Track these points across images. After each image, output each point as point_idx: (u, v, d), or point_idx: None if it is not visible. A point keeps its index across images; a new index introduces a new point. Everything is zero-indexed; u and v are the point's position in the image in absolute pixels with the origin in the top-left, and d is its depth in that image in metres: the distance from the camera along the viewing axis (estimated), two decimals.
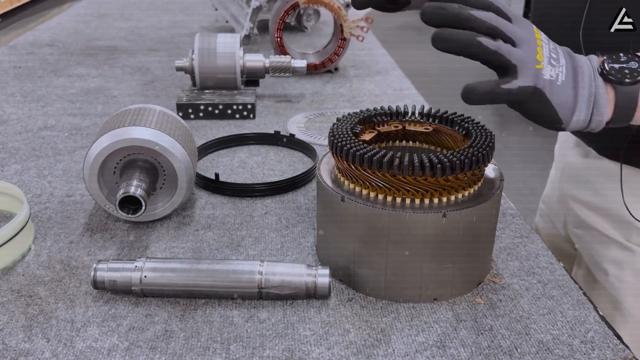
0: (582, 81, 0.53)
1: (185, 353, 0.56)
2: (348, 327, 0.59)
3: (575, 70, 0.54)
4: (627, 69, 0.53)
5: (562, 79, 0.53)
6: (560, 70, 0.53)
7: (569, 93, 0.53)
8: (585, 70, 0.54)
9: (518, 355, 0.55)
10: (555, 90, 0.53)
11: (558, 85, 0.53)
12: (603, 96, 0.53)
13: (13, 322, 0.60)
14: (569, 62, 0.54)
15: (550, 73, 0.53)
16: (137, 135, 0.73)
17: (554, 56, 0.53)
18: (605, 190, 0.82)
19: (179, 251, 0.72)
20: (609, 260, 0.84)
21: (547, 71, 0.52)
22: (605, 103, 0.53)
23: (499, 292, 0.64)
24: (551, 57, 0.53)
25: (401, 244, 0.60)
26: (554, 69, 0.53)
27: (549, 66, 0.53)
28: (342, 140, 0.62)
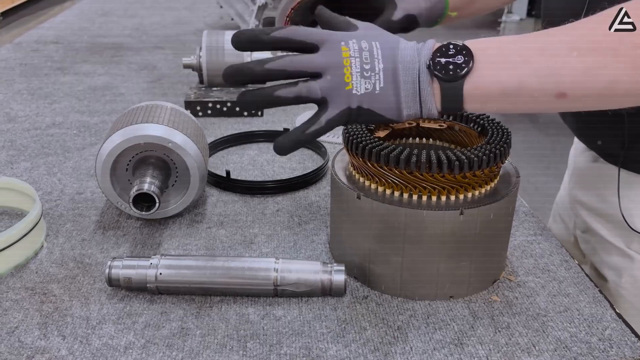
0: (404, 81, 0.53)
1: (202, 350, 0.55)
2: (364, 325, 0.59)
3: (395, 72, 0.53)
4: (452, 64, 0.52)
5: (380, 86, 0.53)
6: (376, 79, 0.53)
7: (390, 96, 0.53)
8: (409, 69, 0.53)
9: (536, 352, 0.55)
10: (375, 99, 0.53)
11: (376, 93, 0.53)
12: (427, 93, 0.53)
13: (28, 320, 0.59)
14: (388, 64, 0.54)
15: (365, 86, 0.53)
16: (150, 132, 0.72)
17: (367, 66, 0.53)
18: (609, 196, 0.82)
19: (192, 248, 0.72)
20: (608, 266, 0.84)
21: (359, 87, 0.53)
22: (430, 98, 0.54)
23: (514, 290, 0.64)
24: (363, 69, 0.53)
25: (417, 242, 0.60)
26: (368, 81, 0.53)
27: (362, 80, 0.53)
28: (357, 136, 0.62)
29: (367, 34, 0.56)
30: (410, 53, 0.54)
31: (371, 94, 0.53)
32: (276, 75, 0.54)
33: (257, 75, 0.54)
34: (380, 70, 0.53)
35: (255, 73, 0.53)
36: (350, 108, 0.54)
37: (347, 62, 0.53)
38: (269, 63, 0.53)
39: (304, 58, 0.54)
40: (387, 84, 0.53)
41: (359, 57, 0.53)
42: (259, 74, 0.54)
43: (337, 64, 0.53)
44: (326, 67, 0.53)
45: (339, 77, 0.53)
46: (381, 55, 0.54)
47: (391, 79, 0.53)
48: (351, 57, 0.53)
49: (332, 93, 0.53)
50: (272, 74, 0.54)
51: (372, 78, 0.53)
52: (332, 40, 0.55)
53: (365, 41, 0.55)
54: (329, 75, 0.53)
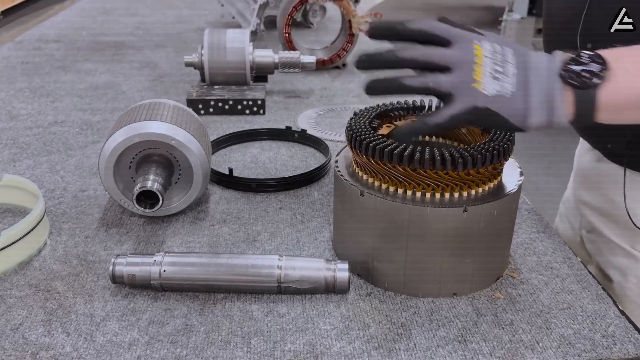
0: (536, 88, 0.53)
1: (207, 347, 0.55)
2: (368, 322, 0.59)
3: (527, 79, 0.53)
4: (586, 72, 0.52)
5: (512, 90, 0.52)
6: (509, 82, 0.53)
7: (520, 102, 0.53)
8: (542, 76, 0.53)
9: (540, 349, 0.55)
10: (504, 102, 0.53)
11: (507, 97, 0.52)
12: (559, 101, 0.52)
13: (32, 317, 0.59)
14: (521, 70, 0.53)
15: (496, 88, 0.52)
16: (153, 130, 0.72)
17: (500, 69, 0.53)
18: (614, 196, 0.81)
19: (195, 246, 0.72)
20: (614, 267, 0.84)
21: (489, 88, 0.52)
22: (562, 106, 0.53)
23: (518, 287, 0.64)
24: (495, 71, 0.53)
25: (421, 239, 0.60)
26: (500, 83, 0.52)
27: (493, 81, 0.52)
28: (361, 134, 0.62)
29: (498, 39, 0.55)
30: (542, 60, 0.54)
31: (501, 96, 0.52)
32: (407, 63, 0.54)
33: (390, 62, 0.55)
34: (514, 75, 0.53)
35: (388, 60, 0.55)
36: (476, 107, 0.53)
37: (479, 61, 0.53)
38: (402, 52, 0.54)
39: (436, 51, 0.54)
40: (519, 90, 0.53)
41: (491, 58, 0.53)
42: (391, 61, 0.55)
43: (469, 60, 0.53)
44: (457, 62, 0.53)
45: (468, 74, 0.53)
46: (514, 57, 0.54)
47: (523, 84, 0.53)
48: (485, 57, 0.53)
49: (459, 89, 0.53)
50: (404, 63, 0.54)
51: (503, 81, 0.52)
52: (466, 37, 0.54)
53: (498, 44, 0.54)
54: (459, 70, 0.53)
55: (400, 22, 0.55)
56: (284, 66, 1.23)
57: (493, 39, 0.55)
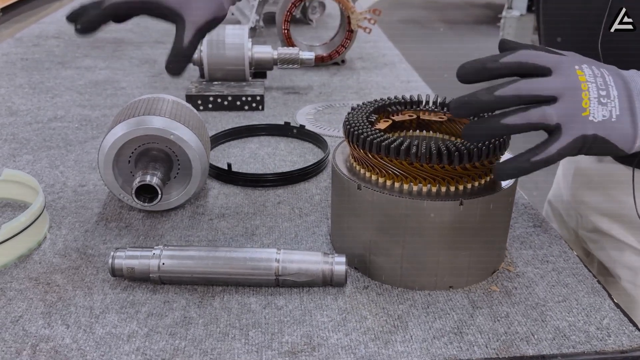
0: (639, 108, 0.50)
1: (205, 339, 0.56)
2: (365, 314, 0.59)
3: (630, 98, 0.50)
4: None
5: (617, 113, 0.50)
6: (613, 106, 0.50)
7: (626, 125, 0.50)
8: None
9: (535, 341, 0.56)
10: (611, 127, 0.50)
11: (613, 121, 0.50)
12: None
13: (32, 309, 0.60)
14: (622, 90, 0.51)
15: (603, 113, 0.50)
16: (152, 125, 0.73)
17: (604, 93, 0.50)
18: (620, 196, 0.81)
19: (194, 240, 0.72)
20: (622, 265, 0.84)
21: (597, 114, 0.50)
22: None
23: (513, 280, 0.65)
24: (600, 95, 0.50)
25: (418, 232, 0.60)
26: (606, 108, 0.50)
27: (600, 107, 0.50)
28: (358, 128, 0.62)
29: (588, 60, 0.52)
30: (632, 77, 0.51)
31: (608, 122, 0.50)
32: (509, 102, 0.50)
33: (488, 105, 0.51)
34: (616, 97, 0.50)
35: (486, 102, 0.50)
36: (585, 136, 0.50)
37: (585, 87, 0.50)
38: (499, 90, 0.50)
39: (539, 82, 0.50)
40: (623, 111, 0.50)
41: (595, 83, 0.50)
42: (490, 103, 0.50)
43: (575, 88, 0.50)
44: (563, 91, 0.50)
45: (577, 103, 0.49)
46: (611, 80, 0.51)
47: (627, 105, 0.50)
48: (588, 82, 0.50)
49: (567, 119, 0.50)
50: (505, 101, 0.50)
51: (608, 105, 0.50)
52: (566, 63, 0.51)
53: (595, 67, 0.51)
54: (566, 99, 0.50)
55: (493, 58, 0.51)
56: (283, 62, 1.24)
57: (587, 61, 0.52)
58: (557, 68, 0.51)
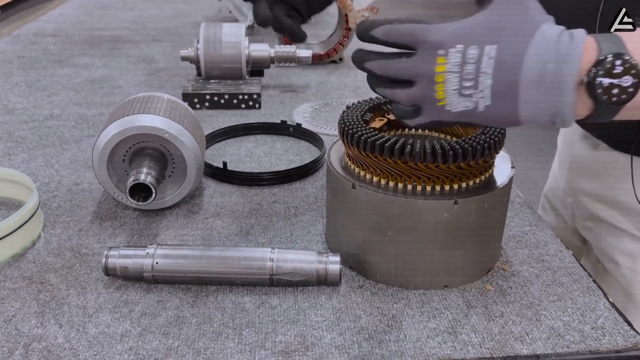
0: (527, 101, 0.45)
1: (198, 338, 0.56)
2: (359, 314, 0.59)
3: (513, 88, 0.45)
4: (617, 87, 0.43)
5: (487, 104, 0.46)
6: (481, 97, 0.46)
7: (500, 112, 0.46)
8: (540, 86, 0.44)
9: (529, 341, 0.56)
10: (478, 115, 0.47)
11: (479, 111, 0.47)
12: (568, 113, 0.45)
13: (25, 308, 0.60)
14: (503, 78, 0.45)
15: (465, 104, 0.46)
16: (146, 123, 0.73)
17: (469, 83, 0.45)
18: (617, 183, 0.82)
19: (188, 239, 0.72)
20: (620, 252, 0.84)
21: (456, 105, 0.47)
22: (569, 116, 0.45)
23: (508, 279, 0.64)
24: (462, 87, 0.46)
25: (412, 231, 0.60)
26: (470, 99, 0.46)
27: (461, 98, 0.46)
28: (353, 127, 0.62)
29: (487, 31, 0.45)
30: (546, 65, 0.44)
31: (472, 111, 0.47)
32: (372, 74, 0.52)
33: (362, 70, 0.53)
34: (488, 87, 0.45)
35: (360, 68, 0.52)
36: (442, 122, 0.49)
37: (440, 78, 0.46)
38: (367, 62, 0.51)
39: (393, 64, 0.49)
40: (498, 102, 0.46)
41: (458, 72, 0.45)
42: (362, 70, 0.52)
43: (428, 77, 0.47)
44: (415, 78, 0.48)
45: (430, 92, 0.47)
46: (495, 65, 0.45)
47: (503, 97, 0.45)
48: (446, 72, 0.46)
49: (423, 104, 0.49)
50: (370, 73, 0.52)
51: (473, 96, 0.46)
52: (428, 44, 0.46)
53: (476, 47, 0.45)
54: (419, 87, 0.48)
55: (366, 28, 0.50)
56: (280, 60, 1.23)
57: (476, 34, 0.46)
58: (419, 49, 0.47)
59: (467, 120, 0.49)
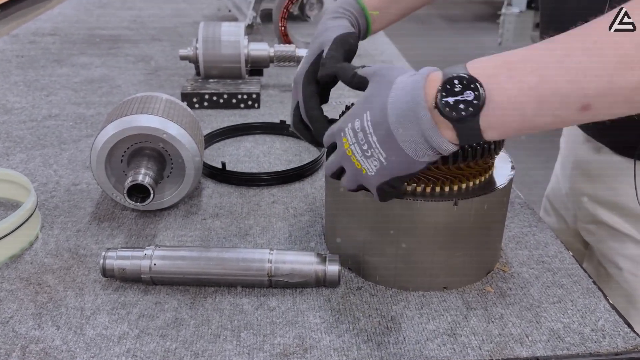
0: (403, 140, 0.50)
1: (196, 340, 0.56)
2: (358, 315, 0.59)
3: (389, 135, 0.51)
4: (462, 103, 0.47)
5: (384, 156, 0.52)
6: (377, 152, 0.52)
7: (398, 159, 0.52)
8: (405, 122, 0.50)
9: (529, 343, 0.55)
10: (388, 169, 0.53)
11: (385, 165, 0.52)
12: (437, 138, 0.50)
13: (23, 310, 0.59)
14: (381, 130, 0.51)
15: (373, 164, 0.53)
16: (144, 124, 0.72)
17: (365, 146, 0.53)
18: (619, 187, 0.81)
19: (187, 240, 0.72)
20: (623, 255, 0.84)
21: (370, 167, 0.53)
22: (442, 140, 0.50)
23: (508, 281, 0.64)
24: (363, 151, 0.53)
25: (412, 233, 0.60)
26: (372, 159, 0.53)
27: (367, 161, 0.53)
28: None
29: (363, 105, 0.53)
30: (401, 105, 0.50)
31: (382, 168, 0.52)
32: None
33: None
34: (375, 143, 0.52)
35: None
36: (380, 187, 0.54)
37: (350, 152, 0.54)
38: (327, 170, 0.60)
39: (328, 163, 0.58)
40: (389, 151, 0.51)
41: (357, 142, 0.53)
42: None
43: (345, 159, 0.55)
44: (342, 163, 0.56)
45: (354, 169, 0.55)
46: (372, 125, 0.52)
47: (388, 145, 0.51)
48: (351, 146, 0.54)
49: (359, 184, 0.56)
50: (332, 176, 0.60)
51: (373, 155, 0.52)
52: (336, 135, 0.56)
53: (358, 119, 0.53)
54: (347, 169, 0.56)
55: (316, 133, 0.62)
56: (279, 60, 1.23)
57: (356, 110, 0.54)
58: (335, 140, 0.57)
59: (385, 179, 0.54)
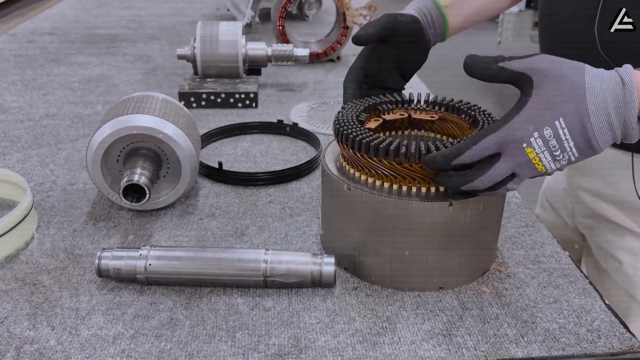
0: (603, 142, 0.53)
1: (191, 341, 0.55)
2: (354, 316, 0.59)
3: (589, 142, 0.53)
4: None
5: (575, 156, 0.53)
6: (569, 155, 0.53)
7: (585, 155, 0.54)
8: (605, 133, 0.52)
9: (524, 343, 0.55)
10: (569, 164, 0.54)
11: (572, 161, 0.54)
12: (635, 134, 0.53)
13: (17, 310, 0.59)
14: (579, 138, 0.52)
15: (561, 164, 0.54)
16: (140, 123, 0.72)
17: (557, 152, 0.53)
18: (618, 181, 0.81)
19: (183, 240, 0.72)
20: (623, 249, 0.84)
21: (551, 166, 0.54)
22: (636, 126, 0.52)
23: (504, 281, 0.64)
24: (554, 157, 0.53)
25: (407, 233, 0.60)
26: (563, 159, 0.53)
27: (554, 162, 0.53)
28: (347, 128, 0.61)
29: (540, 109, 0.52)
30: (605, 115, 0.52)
31: (566, 164, 0.54)
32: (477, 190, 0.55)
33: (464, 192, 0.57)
34: (572, 147, 0.53)
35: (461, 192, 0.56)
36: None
37: (537, 160, 0.53)
38: (467, 185, 0.54)
39: (491, 175, 0.54)
40: (584, 152, 0.53)
41: (547, 150, 0.53)
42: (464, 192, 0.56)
43: (527, 164, 0.53)
44: (516, 170, 0.54)
45: (531, 171, 0.54)
46: (569, 132, 0.52)
47: (585, 147, 0.53)
48: (539, 154, 0.53)
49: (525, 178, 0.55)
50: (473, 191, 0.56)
51: (563, 159, 0.53)
52: (513, 143, 0.53)
53: (548, 128, 0.52)
54: (521, 174, 0.54)
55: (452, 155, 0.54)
56: (277, 59, 1.23)
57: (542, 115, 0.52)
58: (505, 150, 0.53)
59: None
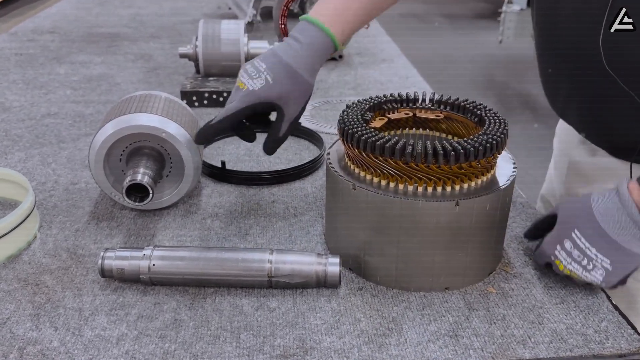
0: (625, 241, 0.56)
1: (195, 342, 0.55)
2: (359, 316, 0.58)
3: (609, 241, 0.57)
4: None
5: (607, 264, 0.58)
6: (597, 260, 0.58)
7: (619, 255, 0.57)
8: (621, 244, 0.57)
9: (532, 344, 0.55)
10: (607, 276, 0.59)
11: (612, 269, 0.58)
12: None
13: (20, 311, 0.59)
14: (601, 244, 0.57)
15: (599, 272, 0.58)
16: (144, 122, 0.72)
17: (585, 262, 0.58)
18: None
19: (186, 239, 0.71)
20: None
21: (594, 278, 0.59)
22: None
23: (510, 281, 0.63)
24: (583, 266, 0.59)
25: (413, 233, 0.59)
26: (590, 265, 0.58)
27: (584, 271, 0.59)
28: (353, 127, 0.61)
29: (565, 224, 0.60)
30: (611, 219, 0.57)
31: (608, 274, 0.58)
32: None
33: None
34: (597, 254, 0.58)
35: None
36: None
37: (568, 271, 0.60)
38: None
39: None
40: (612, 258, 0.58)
41: (572, 259, 0.59)
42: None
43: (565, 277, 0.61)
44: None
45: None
46: (589, 243, 0.58)
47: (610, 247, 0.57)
48: (568, 266, 0.60)
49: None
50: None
51: (592, 262, 0.58)
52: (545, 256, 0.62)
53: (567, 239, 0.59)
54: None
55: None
56: None
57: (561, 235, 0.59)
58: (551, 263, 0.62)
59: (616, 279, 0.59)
